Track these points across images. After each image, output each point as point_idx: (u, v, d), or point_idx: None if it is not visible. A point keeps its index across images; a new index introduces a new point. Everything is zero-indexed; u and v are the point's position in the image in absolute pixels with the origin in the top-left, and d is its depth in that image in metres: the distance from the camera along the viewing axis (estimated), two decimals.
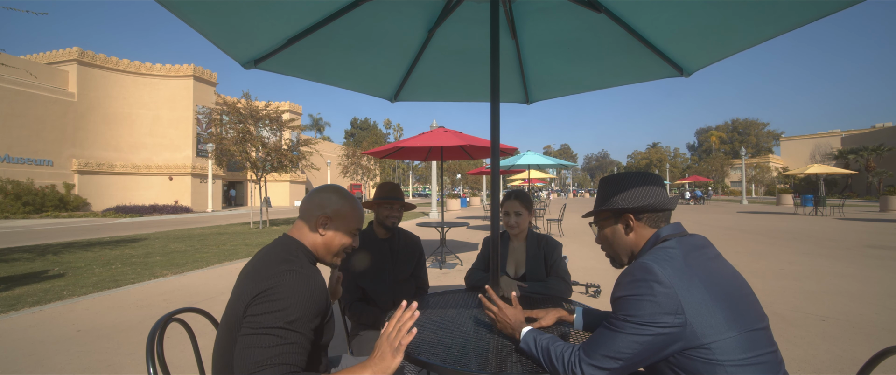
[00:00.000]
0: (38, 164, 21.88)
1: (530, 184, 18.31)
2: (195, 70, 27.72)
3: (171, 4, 1.35)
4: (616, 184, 1.24)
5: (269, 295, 1.01)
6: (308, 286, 1.06)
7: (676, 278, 0.98)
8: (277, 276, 1.04)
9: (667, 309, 0.95)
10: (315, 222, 1.20)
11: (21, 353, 3.11)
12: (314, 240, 1.22)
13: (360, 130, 78.56)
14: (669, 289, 0.96)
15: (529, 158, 10.59)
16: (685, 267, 1.01)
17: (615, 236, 1.23)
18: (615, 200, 1.21)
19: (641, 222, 1.18)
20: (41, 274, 5.96)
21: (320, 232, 1.21)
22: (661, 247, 1.09)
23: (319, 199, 1.23)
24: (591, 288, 4.75)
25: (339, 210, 1.23)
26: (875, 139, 40.52)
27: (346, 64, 2.25)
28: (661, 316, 0.95)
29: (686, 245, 1.08)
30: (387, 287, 2.15)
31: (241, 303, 1.04)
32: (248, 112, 13.39)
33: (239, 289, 1.09)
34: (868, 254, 7.11)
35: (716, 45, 1.86)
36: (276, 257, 1.11)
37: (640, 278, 1.00)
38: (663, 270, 0.99)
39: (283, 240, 1.19)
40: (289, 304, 1.00)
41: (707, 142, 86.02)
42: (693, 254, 1.05)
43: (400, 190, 2.19)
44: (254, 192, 16.92)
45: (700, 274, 1.00)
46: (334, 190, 1.26)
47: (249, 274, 1.09)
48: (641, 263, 1.03)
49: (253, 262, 1.14)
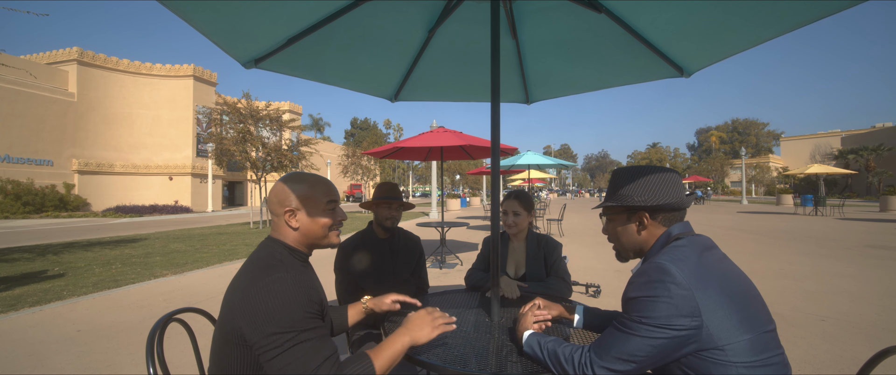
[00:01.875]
0: (38, 164, 21.88)
1: (530, 184, 18.30)
2: (195, 70, 27.71)
3: (172, 4, 1.34)
4: (632, 177, 1.16)
5: (270, 315, 0.99)
6: (297, 287, 1.04)
7: (693, 279, 0.95)
8: (267, 290, 1.01)
9: (683, 310, 0.93)
10: (284, 220, 1.16)
11: (21, 353, 3.11)
12: (293, 236, 1.17)
13: (360, 130, 78.55)
14: (687, 291, 0.94)
15: (529, 158, 10.59)
16: (700, 268, 0.98)
17: (625, 233, 1.18)
18: (630, 196, 1.15)
19: (656, 221, 1.13)
20: (41, 274, 5.96)
21: (293, 226, 1.16)
22: (675, 247, 1.05)
23: (277, 198, 1.17)
24: (591, 288, 4.75)
25: (301, 196, 1.17)
26: (875, 139, 40.52)
27: (346, 64, 2.25)
28: (678, 319, 0.93)
29: (697, 245, 1.05)
30: (387, 287, 2.13)
31: (235, 317, 1.02)
32: (248, 112, 13.39)
33: (230, 300, 1.07)
34: (868, 254, 7.11)
35: (716, 45, 1.86)
36: (260, 263, 1.08)
37: (656, 279, 0.97)
38: (680, 271, 0.96)
39: (266, 244, 1.16)
40: (290, 312, 1.00)
41: (707, 142, 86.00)
42: (705, 255, 1.03)
43: (398, 190, 2.18)
44: (254, 192, 16.91)
45: (715, 276, 0.98)
46: (288, 180, 1.19)
47: (239, 287, 1.06)
48: (658, 264, 1.00)
49: (241, 271, 1.11)
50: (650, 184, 1.13)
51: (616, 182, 1.21)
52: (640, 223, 1.14)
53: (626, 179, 1.17)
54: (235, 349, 1.04)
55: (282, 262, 1.09)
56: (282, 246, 1.15)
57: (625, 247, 1.20)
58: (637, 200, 1.13)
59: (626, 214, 1.17)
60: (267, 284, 1.02)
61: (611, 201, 1.20)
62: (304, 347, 0.99)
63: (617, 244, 1.23)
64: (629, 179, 1.17)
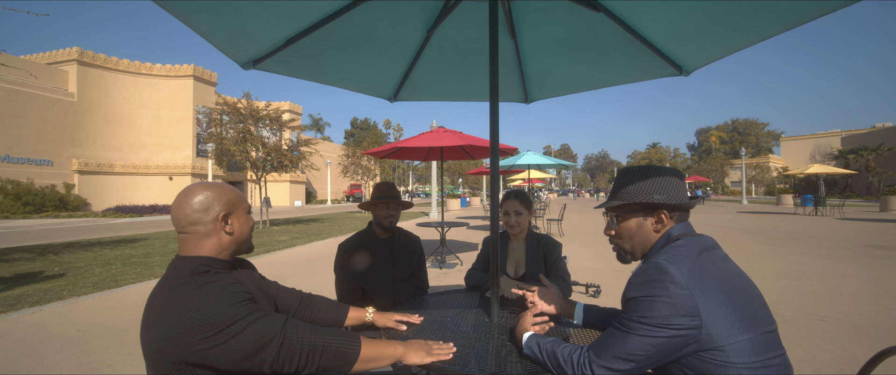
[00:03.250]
0: (38, 164, 21.89)
1: (530, 184, 18.31)
2: (195, 70, 27.73)
3: (169, 5, 1.34)
4: (646, 176, 1.16)
5: (195, 324, 0.92)
6: (209, 288, 0.99)
7: (692, 279, 0.96)
8: (180, 306, 0.94)
9: (682, 310, 0.93)
10: (215, 228, 1.09)
11: (21, 353, 3.11)
12: (220, 243, 1.10)
13: (360, 130, 78.58)
14: (686, 291, 0.94)
15: (529, 158, 10.59)
16: (699, 268, 0.98)
17: (640, 230, 1.16)
18: (649, 192, 1.14)
19: (672, 220, 1.13)
20: (41, 274, 5.96)
21: (226, 231, 1.11)
22: (674, 247, 1.06)
23: (200, 206, 1.08)
24: (590, 288, 4.75)
25: (227, 202, 1.12)
26: (875, 139, 40.52)
27: (345, 64, 2.25)
28: (677, 318, 0.93)
29: (697, 245, 1.05)
30: (387, 287, 2.15)
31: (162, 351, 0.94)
32: (248, 112, 13.39)
33: (148, 339, 0.97)
34: (868, 254, 7.11)
35: (715, 43, 1.86)
36: (165, 287, 1.00)
37: (655, 278, 0.97)
38: (679, 271, 0.96)
39: (176, 265, 1.05)
40: (214, 312, 0.94)
41: (707, 142, 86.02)
42: (705, 255, 1.03)
43: (395, 189, 2.18)
44: (254, 192, 16.91)
45: (714, 276, 0.98)
46: (203, 190, 1.10)
47: (149, 321, 0.97)
48: (656, 263, 1.00)
49: (148, 304, 1.02)
50: (667, 183, 1.13)
51: (626, 180, 1.19)
52: (659, 220, 1.13)
53: (640, 177, 1.16)
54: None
55: (190, 277, 1.01)
56: (196, 261, 1.06)
57: (635, 247, 1.18)
58: (657, 198, 1.12)
59: (643, 212, 1.15)
60: (177, 303, 0.95)
61: (629, 198, 1.16)
62: (253, 329, 0.97)
63: (626, 243, 1.20)
64: (644, 177, 1.16)
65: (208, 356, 0.94)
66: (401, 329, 1.51)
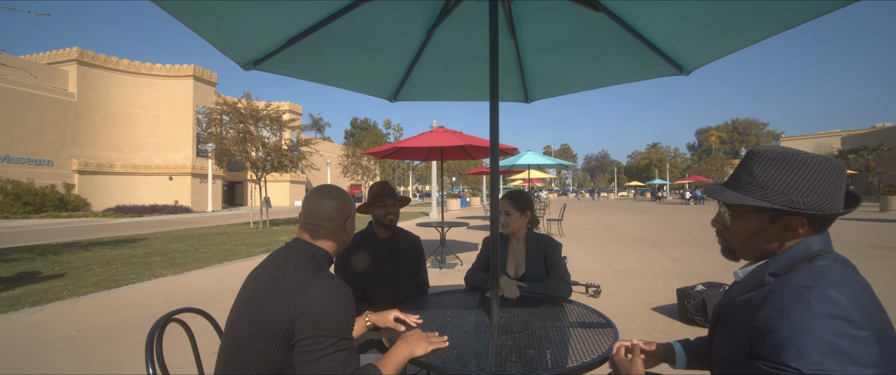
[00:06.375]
0: (38, 164, 21.89)
1: (530, 184, 18.31)
2: (195, 70, 27.73)
3: (169, 5, 1.34)
4: (789, 168, 0.84)
5: (325, 317, 1.04)
6: (348, 296, 1.11)
7: (870, 317, 0.73)
8: (327, 293, 1.06)
9: (861, 359, 0.68)
10: (344, 223, 1.26)
11: (21, 353, 3.11)
12: (339, 241, 1.27)
13: (360, 130, 78.57)
14: (866, 333, 0.70)
15: (529, 158, 10.61)
16: (870, 302, 0.76)
17: (762, 236, 0.89)
18: (786, 193, 0.84)
19: (811, 229, 0.86)
20: (41, 274, 5.96)
21: (347, 229, 1.28)
22: (826, 267, 0.81)
23: (338, 205, 1.26)
24: (591, 288, 4.75)
25: (352, 207, 1.31)
26: (875, 139, 40.52)
27: (345, 64, 2.25)
28: (851, 367, 0.69)
29: (850, 267, 0.82)
30: (387, 286, 2.15)
31: (283, 312, 1.04)
32: (248, 112, 13.40)
33: (275, 295, 1.08)
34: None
35: (715, 43, 1.86)
36: (308, 264, 1.14)
37: (823, 313, 0.72)
38: (852, 304, 0.72)
39: (307, 247, 1.20)
40: (339, 319, 1.06)
41: (707, 142, 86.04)
42: (859, 279, 0.80)
43: (390, 187, 2.19)
44: (254, 192, 16.92)
45: (880, 313, 0.76)
46: (339, 194, 1.28)
47: (288, 285, 1.08)
48: (825, 294, 0.74)
49: (278, 268, 1.14)
50: (818, 184, 0.82)
51: (758, 168, 0.88)
52: (790, 229, 0.86)
53: (779, 165, 0.85)
54: (266, 345, 1.05)
55: (323, 269, 1.15)
56: (324, 253, 1.21)
57: (748, 250, 0.93)
58: (798, 202, 0.83)
59: (771, 216, 0.87)
60: (326, 287, 1.07)
61: (757, 195, 0.87)
62: (343, 355, 1.05)
63: (736, 243, 0.95)
64: (784, 166, 0.85)
65: (309, 346, 1.02)
66: (400, 330, 1.51)
